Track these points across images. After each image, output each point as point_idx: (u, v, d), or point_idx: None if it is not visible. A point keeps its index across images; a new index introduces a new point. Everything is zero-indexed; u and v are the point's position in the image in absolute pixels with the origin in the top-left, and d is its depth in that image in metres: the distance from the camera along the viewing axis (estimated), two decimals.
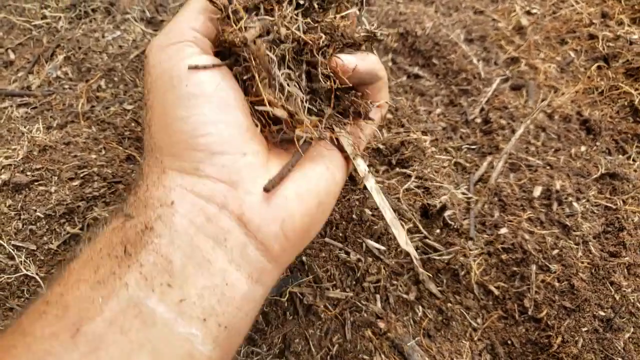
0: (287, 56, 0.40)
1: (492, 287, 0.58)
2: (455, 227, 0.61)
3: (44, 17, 0.84)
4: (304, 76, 0.42)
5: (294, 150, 0.40)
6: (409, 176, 0.65)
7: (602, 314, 0.55)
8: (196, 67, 0.38)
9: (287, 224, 0.37)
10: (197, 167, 0.36)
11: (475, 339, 0.55)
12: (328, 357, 0.53)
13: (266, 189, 0.36)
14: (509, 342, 0.55)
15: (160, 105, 0.38)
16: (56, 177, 0.61)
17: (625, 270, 0.58)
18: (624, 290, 0.56)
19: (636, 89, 0.75)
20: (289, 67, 0.41)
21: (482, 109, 0.74)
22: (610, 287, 0.57)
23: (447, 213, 0.61)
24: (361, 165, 0.44)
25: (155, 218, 0.34)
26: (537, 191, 0.64)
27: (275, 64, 0.39)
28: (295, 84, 0.41)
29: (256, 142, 0.39)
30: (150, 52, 0.41)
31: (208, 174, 0.36)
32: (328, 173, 0.41)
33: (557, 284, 0.57)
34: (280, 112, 0.39)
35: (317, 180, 0.40)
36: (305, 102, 0.41)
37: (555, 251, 0.59)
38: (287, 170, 0.38)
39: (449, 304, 0.57)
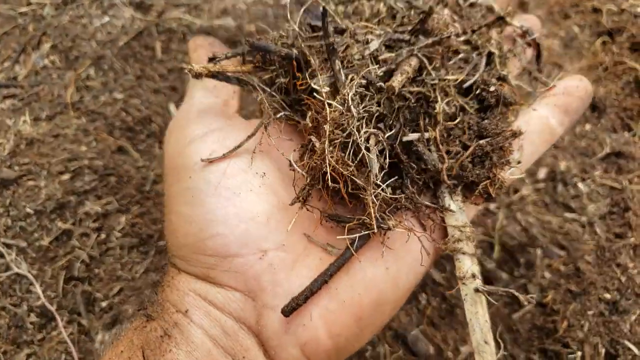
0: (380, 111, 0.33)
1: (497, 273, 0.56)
2: None
3: (29, 3, 0.82)
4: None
5: (344, 245, 0.31)
6: None
7: (608, 296, 0.54)
8: (209, 161, 0.32)
9: (310, 347, 0.31)
10: (208, 274, 0.31)
11: None
12: None
13: (284, 313, 0.29)
14: (514, 328, 0.54)
15: (167, 200, 0.34)
16: (45, 172, 0.59)
17: (631, 251, 0.57)
18: (630, 272, 0.55)
19: None
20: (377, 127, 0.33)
21: None
22: (616, 269, 0.55)
23: None
24: (466, 264, 0.34)
25: (173, 325, 0.30)
26: (542, 173, 0.62)
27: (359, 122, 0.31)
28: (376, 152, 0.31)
29: (282, 231, 0.32)
30: (165, 136, 0.37)
31: (220, 281, 0.31)
32: (387, 277, 0.32)
33: (562, 268, 0.55)
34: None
35: (363, 289, 0.32)
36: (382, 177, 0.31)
37: (560, 235, 0.57)
38: (317, 287, 0.30)
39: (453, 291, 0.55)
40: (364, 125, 0.31)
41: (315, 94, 0.32)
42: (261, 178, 0.33)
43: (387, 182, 0.31)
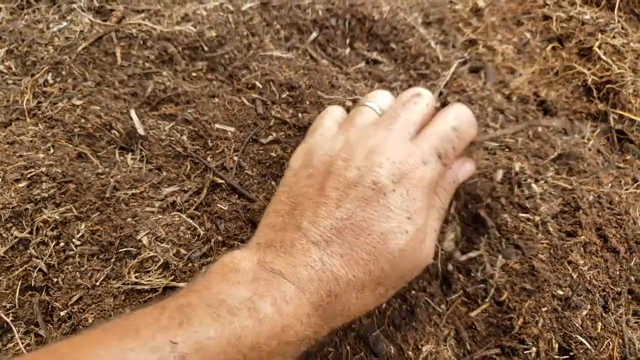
0: None
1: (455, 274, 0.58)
2: None
3: None
4: None
5: None
6: None
7: (561, 293, 0.56)
8: None
9: None
10: None
11: (440, 325, 0.56)
12: None
13: None
14: (473, 326, 0.56)
15: None
16: (0, 180, 0.58)
17: (582, 248, 0.59)
18: (581, 269, 0.58)
19: (589, 69, 0.76)
20: None
21: (440, 93, 0.74)
22: (568, 266, 0.58)
23: None
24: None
25: None
26: (499, 175, 0.64)
27: None
28: None
29: None
30: None
31: None
32: None
33: (518, 267, 0.57)
34: None
35: None
36: None
37: (516, 235, 0.59)
38: None
39: (413, 292, 0.57)
40: None
41: None
42: None
43: None
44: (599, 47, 0.76)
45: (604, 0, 0.84)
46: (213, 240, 0.56)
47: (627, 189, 0.66)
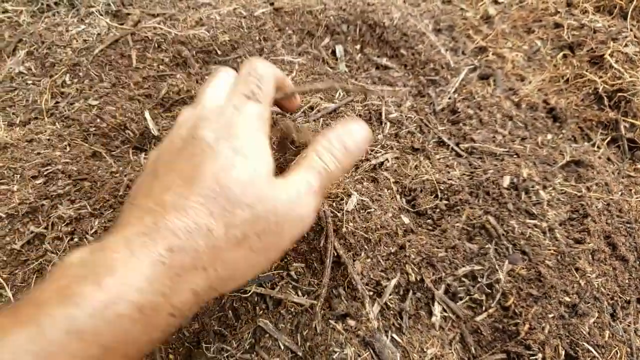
0: None
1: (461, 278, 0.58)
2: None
3: (5, 10, 0.82)
4: None
5: None
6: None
7: (568, 299, 0.56)
8: None
9: None
10: None
11: (446, 329, 0.56)
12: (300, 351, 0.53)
13: None
14: (478, 330, 0.56)
15: None
16: (18, 176, 0.59)
17: (590, 256, 0.59)
18: (589, 276, 0.58)
19: (600, 77, 0.76)
20: None
21: (450, 99, 0.75)
22: (576, 273, 0.58)
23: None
24: None
25: None
26: (506, 181, 0.64)
27: None
28: None
29: None
30: None
31: None
32: None
33: (524, 273, 0.57)
34: None
35: None
36: None
37: (523, 241, 0.59)
38: None
39: (418, 294, 0.57)
40: None
41: None
42: None
43: None
44: (611, 55, 0.76)
45: (616, 8, 0.85)
46: None
47: (637, 198, 0.65)
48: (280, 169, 0.45)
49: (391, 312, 0.56)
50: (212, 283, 0.39)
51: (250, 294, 0.55)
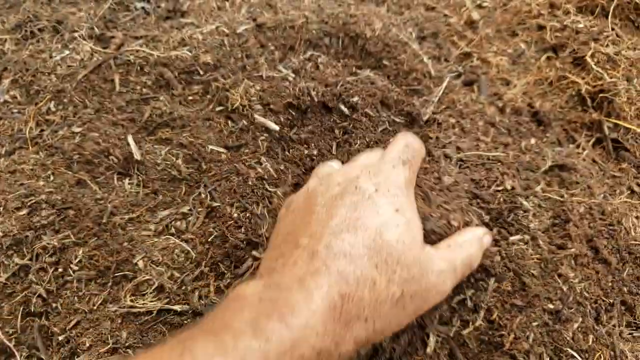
0: None
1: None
2: None
3: None
4: None
5: None
6: None
7: (551, 306, 0.56)
8: None
9: None
10: None
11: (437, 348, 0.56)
12: None
13: None
14: (465, 343, 0.56)
15: None
16: (1, 208, 0.60)
17: (572, 261, 0.59)
18: (572, 281, 0.57)
19: (583, 78, 0.76)
20: None
21: (433, 109, 0.75)
22: (558, 280, 0.58)
23: None
24: None
25: None
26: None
27: None
28: None
29: None
30: None
31: None
32: None
33: (509, 288, 0.57)
34: None
35: None
36: None
37: (507, 260, 0.58)
38: None
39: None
40: None
41: None
42: None
43: None
44: (592, 56, 0.76)
45: (598, 7, 0.84)
46: (204, 263, 0.57)
47: (621, 199, 0.65)
48: None
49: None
50: (369, 335, 0.41)
51: None
